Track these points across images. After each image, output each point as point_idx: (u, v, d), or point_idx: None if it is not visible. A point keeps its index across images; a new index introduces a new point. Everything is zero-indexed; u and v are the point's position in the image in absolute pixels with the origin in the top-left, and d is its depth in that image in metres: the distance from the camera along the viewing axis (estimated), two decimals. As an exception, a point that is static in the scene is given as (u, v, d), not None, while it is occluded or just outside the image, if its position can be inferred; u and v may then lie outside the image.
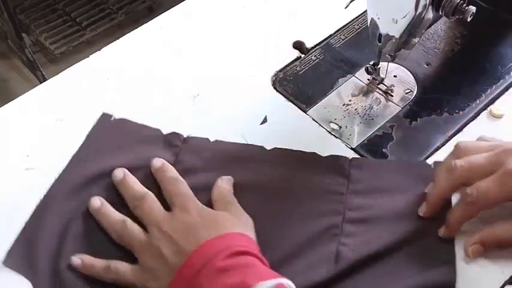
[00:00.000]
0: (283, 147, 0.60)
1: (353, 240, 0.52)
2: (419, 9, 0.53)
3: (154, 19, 0.77)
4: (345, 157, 0.59)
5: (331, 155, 0.59)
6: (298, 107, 0.66)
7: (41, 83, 1.05)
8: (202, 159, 0.59)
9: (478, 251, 0.52)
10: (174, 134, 0.62)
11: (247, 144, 0.61)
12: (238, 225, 0.51)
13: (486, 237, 0.52)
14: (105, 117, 0.64)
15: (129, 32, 0.75)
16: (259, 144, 0.61)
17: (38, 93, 0.68)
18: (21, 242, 0.53)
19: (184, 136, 0.62)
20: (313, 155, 0.59)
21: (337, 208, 0.55)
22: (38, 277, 0.51)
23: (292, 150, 0.60)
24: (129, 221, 0.52)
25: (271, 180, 0.58)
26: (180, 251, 0.48)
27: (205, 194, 0.56)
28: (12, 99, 0.67)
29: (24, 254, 0.52)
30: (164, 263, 0.48)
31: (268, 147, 0.61)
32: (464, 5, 0.57)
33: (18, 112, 0.65)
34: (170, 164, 0.59)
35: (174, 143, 0.61)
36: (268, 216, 0.54)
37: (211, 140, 0.61)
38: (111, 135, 0.62)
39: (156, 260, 0.49)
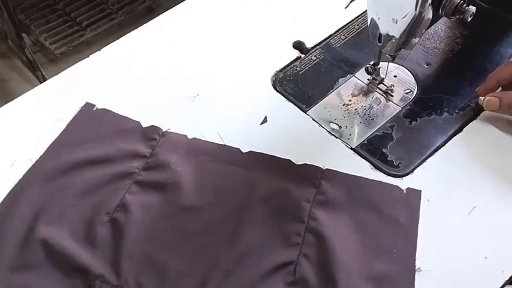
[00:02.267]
0: (259, 152, 0.60)
1: (313, 250, 0.52)
2: (420, 9, 0.53)
3: (154, 19, 0.77)
4: (318, 167, 0.58)
5: (305, 164, 0.59)
6: (298, 107, 0.66)
7: (41, 83, 1.05)
8: (176, 155, 0.60)
9: (494, 104, 0.61)
10: (153, 128, 0.62)
11: (224, 145, 0.61)
12: None
13: (506, 96, 0.60)
14: (87, 107, 0.64)
15: (129, 32, 0.75)
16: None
17: (38, 93, 0.68)
18: None
19: (163, 130, 0.62)
20: (287, 161, 0.59)
21: (301, 216, 0.54)
22: (3, 263, 0.51)
23: (267, 155, 0.60)
24: None
25: (241, 183, 0.57)
26: None
27: (173, 189, 0.56)
28: (12, 99, 0.67)
29: None
30: None
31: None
32: (464, 5, 0.57)
33: (18, 112, 0.65)
34: (145, 156, 0.59)
35: (151, 136, 0.61)
36: (234, 218, 0.53)
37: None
38: (90, 125, 0.63)
39: None
